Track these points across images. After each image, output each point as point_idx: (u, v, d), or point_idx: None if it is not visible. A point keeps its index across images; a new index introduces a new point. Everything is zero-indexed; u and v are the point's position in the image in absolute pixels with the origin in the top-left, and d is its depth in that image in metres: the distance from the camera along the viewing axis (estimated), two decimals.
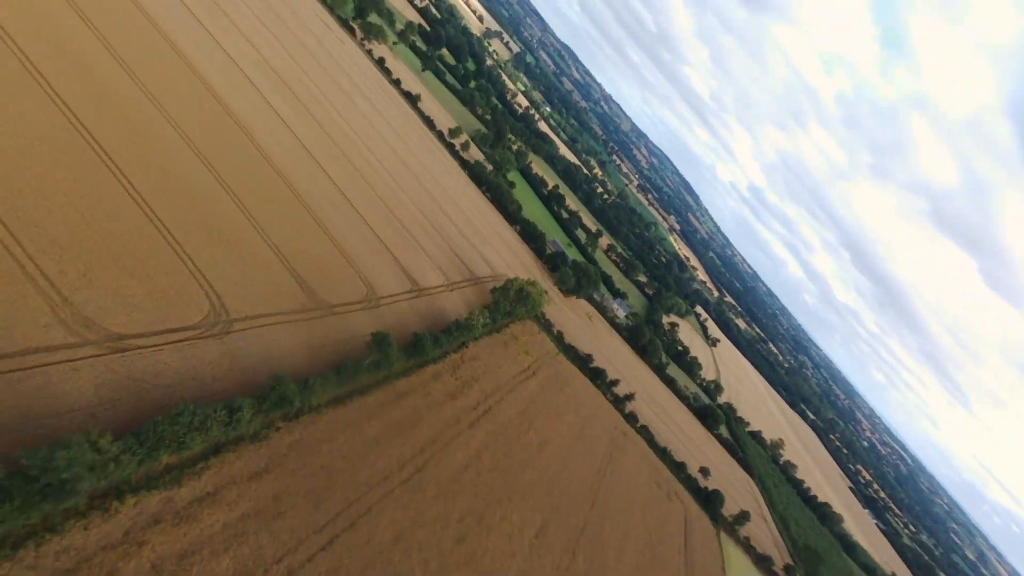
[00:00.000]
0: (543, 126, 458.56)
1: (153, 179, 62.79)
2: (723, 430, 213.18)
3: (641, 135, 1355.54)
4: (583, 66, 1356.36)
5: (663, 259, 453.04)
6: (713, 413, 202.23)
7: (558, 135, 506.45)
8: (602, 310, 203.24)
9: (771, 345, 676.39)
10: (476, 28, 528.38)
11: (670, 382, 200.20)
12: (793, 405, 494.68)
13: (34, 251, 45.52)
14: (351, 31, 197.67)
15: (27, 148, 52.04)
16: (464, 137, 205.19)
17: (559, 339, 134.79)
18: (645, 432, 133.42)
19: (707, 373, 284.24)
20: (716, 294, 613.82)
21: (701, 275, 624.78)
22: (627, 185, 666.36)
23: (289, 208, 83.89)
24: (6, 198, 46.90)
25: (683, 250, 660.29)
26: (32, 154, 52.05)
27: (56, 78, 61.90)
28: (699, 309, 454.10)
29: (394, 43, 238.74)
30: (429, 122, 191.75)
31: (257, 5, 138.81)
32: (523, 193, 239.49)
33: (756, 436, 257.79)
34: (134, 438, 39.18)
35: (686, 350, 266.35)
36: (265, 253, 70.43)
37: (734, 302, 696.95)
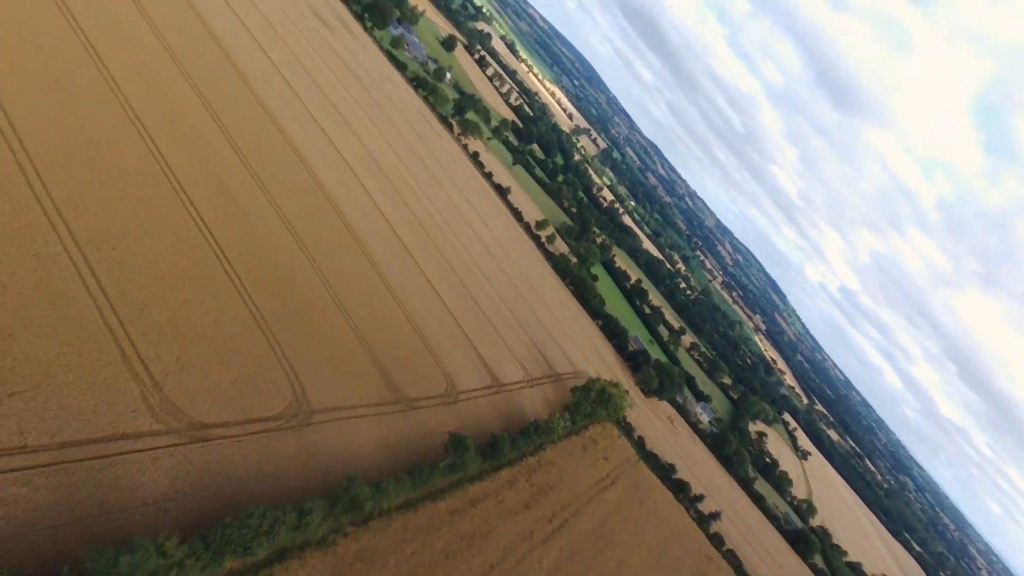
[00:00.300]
0: (627, 219, 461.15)
1: (252, 262, 64.55)
2: (818, 559, 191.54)
3: (726, 231, 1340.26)
4: (668, 163, 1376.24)
5: (748, 361, 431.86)
6: (807, 538, 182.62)
7: (642, 229, 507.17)
8: (685, 414, 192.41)
9: (868, 462, 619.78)
10: (566, 125, 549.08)
11: (758, 499, 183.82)
12: (895, 534, 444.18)
13: (135, 334, 46.42)
14: (449, 127, 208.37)
15: (147, 231, 54.62)
16: (550, 229, 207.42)
17: (640, 445, 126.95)
18: (733, 558, 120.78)
19: (798, 491, 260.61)
20: (805, 401, 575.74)
21: (789, 379, 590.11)
22: (711, 281, 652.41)
23: (377, 295, 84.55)
24: (120, 280, 48.68)
25: (769, 352, 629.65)
26: (150, 237, 54.52)
27: (173, 158, 66.08)
28: (787, 417, 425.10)
29: (488, 138, 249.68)
30: (517, 214, 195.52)
31: (366, 102, 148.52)
32: (606, 286, 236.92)
33: (856, 569, 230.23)
34: (201, 541, 37.22)
35: (775, 463, 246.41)
36: (351, 341, 70.21)
37: (825, 411, 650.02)
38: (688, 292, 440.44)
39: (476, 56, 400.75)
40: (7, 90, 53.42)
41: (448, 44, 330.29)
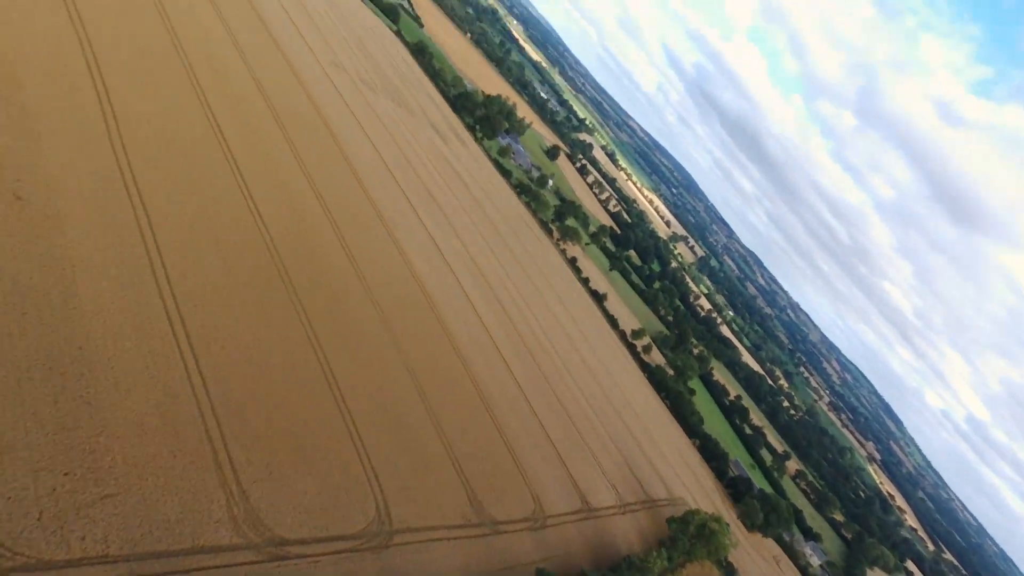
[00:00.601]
0: (725, 330, 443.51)
1: (351, 367, 64.21)
2: None
3: (832, 347, 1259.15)
4: (768, 272, 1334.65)
5: (862, 494, 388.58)
6: None
7: (741, 340, 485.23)
8: (792, 554, 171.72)
9: None
10: (663, 232, 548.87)
11: None
12: None
13: (230, 437, 45.77)
14: (549, 232, 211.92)
15: (256, 331, 55.62)
16: (647, 339, 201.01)
17: None
18: None
19: None
20: (931, 548, 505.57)
21: (910, 520, 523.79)
22: (816, 401, 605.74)
23: (469, 403, 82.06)
24: (225, 380, 48.94)
25: (886, 485, 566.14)
26: (258, 337, 55.38)
27: (290, 260, 68.39)
28: (911, 565, 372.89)
29: (586, 244, 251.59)
30: (613, 321, 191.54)
31: (472, 207, 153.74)
32: (703, 402, 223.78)
33: None
34: None
35: None
36: (439, 452, 67.30)
37: (955, 561, 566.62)
38: (792, 412, 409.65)
39: (578, 164, 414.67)
40: (150, 188, 57.73)
41: (552, 153, 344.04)
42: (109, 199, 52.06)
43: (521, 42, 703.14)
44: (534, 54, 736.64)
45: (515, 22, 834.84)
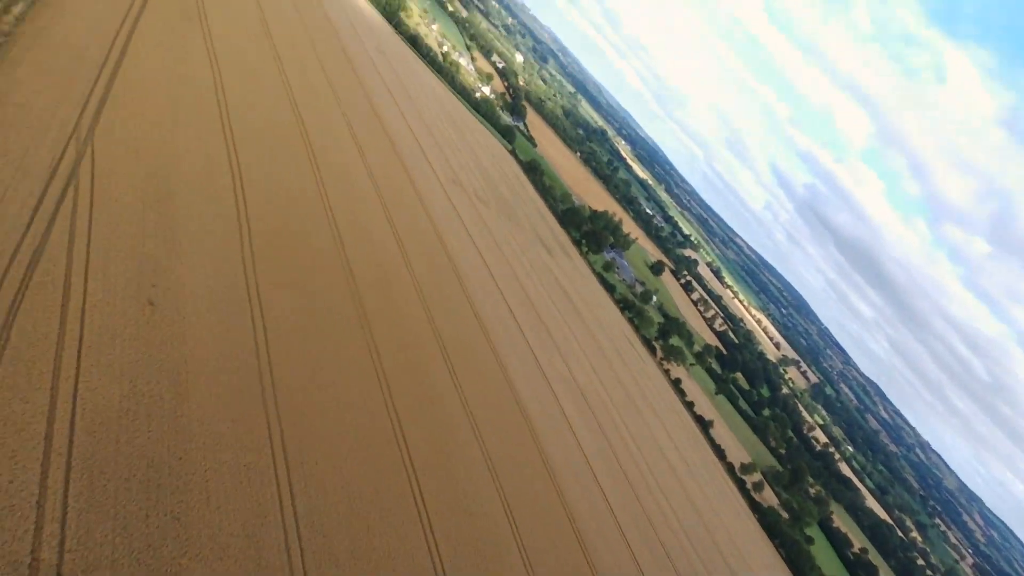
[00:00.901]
0: (845, 468, 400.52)
1: (443, 493, 60.82)
2: None
3: (973, 497, 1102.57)
4: (892, 405, 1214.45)
5: None
6: None
7: (863, 482, 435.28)
8: None
9: None
10: (772, 354, 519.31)
11: None
12: None
13: (311, 566, 42.98)
14: (652, 351, 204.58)
15: (352, 450, 54.05)
16: (757, 475, 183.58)
17: None
18: None
19: None
20: None
21: None
22: (957, 562, 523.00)
23: (562, 538, 75.49)
24: (313, 501, 46.90)
25: None
26: (353, 456, 53.67)
27: (395, 380, 67.58)
28: None
29: (691, 364, 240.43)
30: (720, 452, 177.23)
31: (575, 322, 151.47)
32: (823, 553, 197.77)
33: None
34: None
35: None
36: None
37: None
38: (929, 573, 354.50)
39: (682, 281, 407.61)
40: (270, 300, 59.73)
41: (656, 268, 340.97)
42: (231, 309, 53.97)
43: (628, 160, 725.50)
44: (641, 172, 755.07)
45: (623, 142, 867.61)
